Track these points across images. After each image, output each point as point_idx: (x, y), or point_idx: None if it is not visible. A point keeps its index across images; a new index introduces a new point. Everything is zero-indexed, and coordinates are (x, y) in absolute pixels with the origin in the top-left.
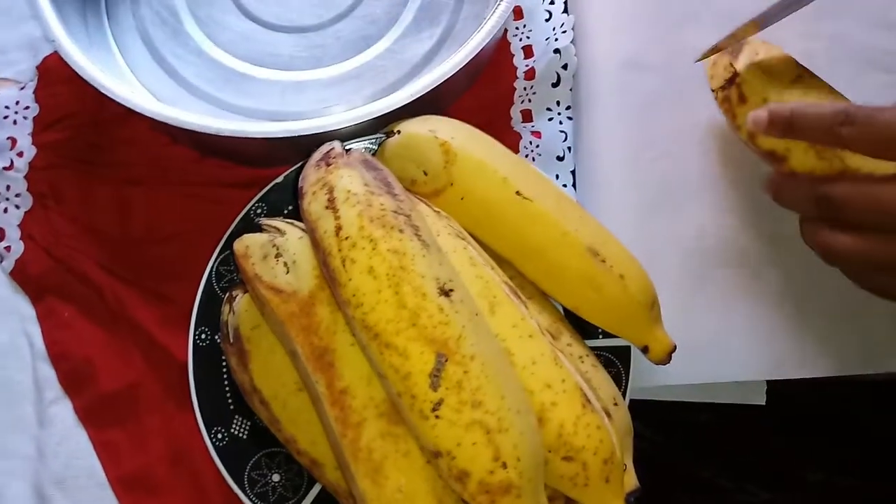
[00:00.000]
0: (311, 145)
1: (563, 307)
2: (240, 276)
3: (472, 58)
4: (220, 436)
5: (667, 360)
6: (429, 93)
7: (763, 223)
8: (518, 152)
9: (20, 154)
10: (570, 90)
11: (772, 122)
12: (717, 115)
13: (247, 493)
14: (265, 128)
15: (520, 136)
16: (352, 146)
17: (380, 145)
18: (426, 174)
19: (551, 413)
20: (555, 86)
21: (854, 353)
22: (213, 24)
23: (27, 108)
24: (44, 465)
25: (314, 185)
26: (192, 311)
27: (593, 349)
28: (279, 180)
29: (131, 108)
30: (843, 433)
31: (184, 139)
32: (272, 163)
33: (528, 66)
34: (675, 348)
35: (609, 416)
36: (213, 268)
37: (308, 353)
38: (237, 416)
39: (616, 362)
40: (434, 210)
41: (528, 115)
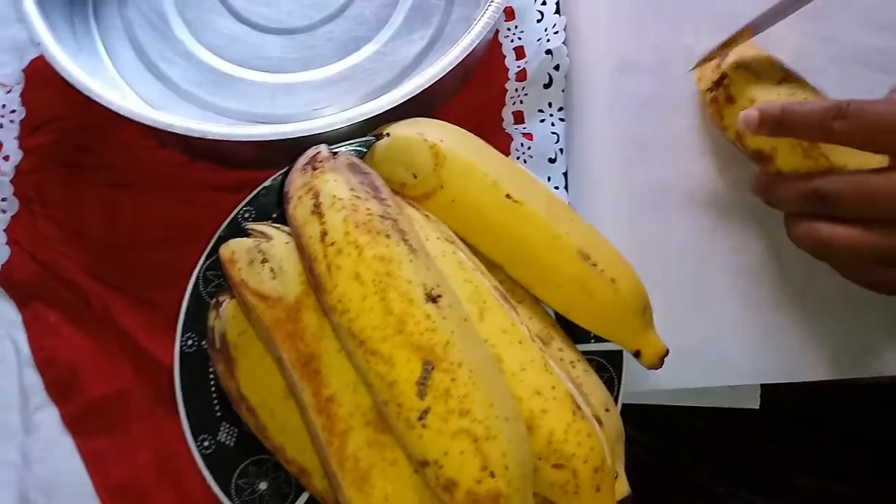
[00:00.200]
0: (300, 148)
1: (555, 311)
2: (227, 282)
3: (462, 59)
4: (206, 443)
5: (659, 364)
6: (419, 95)
7: (757, 226)
8: (509, 154)
9: (6, 158)
10: (563, 92)
11: (762, 121)
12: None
13: (234, 502)
14: (252, 131)
15: (511, 138)
16: (340, 149)
17: (369, 148)
18: (416, 177)
19: (541, 420)
20: (547, 87)
21: (848, 356)
22: (202, 26)
23: (13, 111)
24: (30, 473)
25: (300, 189)
26: (178, 317)
27: (585, 353)
28: (267, 184)
29: (117, 111)
30: (838, 437)
31: (172, 143)
32: (261, 166)
33: (519, 67)
34: (668, 353)
35: (600, 422)
36: (200, 273)
37: (294, 360)
38: (224, 423)
39: (608, 367)
40: (423, 214)
41: (519, 117)
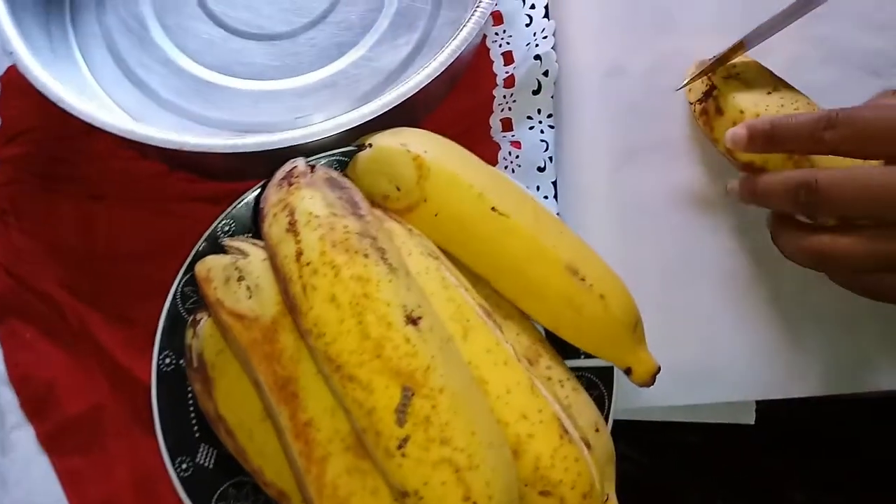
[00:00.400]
0: (282, 159)
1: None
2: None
3: (448, 65)
4: (184, 465)
5: (651, 382)
6: (404, 102)
7: (750, 239)
8: (497, 163)
9: None
10: (552, 98)
11: (752, 139)
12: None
13: None
14: (231, 142)
15: (499, 147)
16: (317, 162)
17: (351, 159)
18: (399, 189)
19: (527, 445)
20: (536, 93)
21: (844, 371)
22: (182, 32)
23: None
24: (6, 494)
25: (275, 206)
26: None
27: (575, 370)
28: (248, 197)
29: (91, 123)
30: (830, 449)
31: (152, 153)
32: (243, 177)
33: (507, 72)
34: (660, 370)
35: (589, 445)
36: (177, 289)
37: (271, 383)
38: (203, 445)
39: (599, 384)
40: (406, 228)
41: (507, 124)
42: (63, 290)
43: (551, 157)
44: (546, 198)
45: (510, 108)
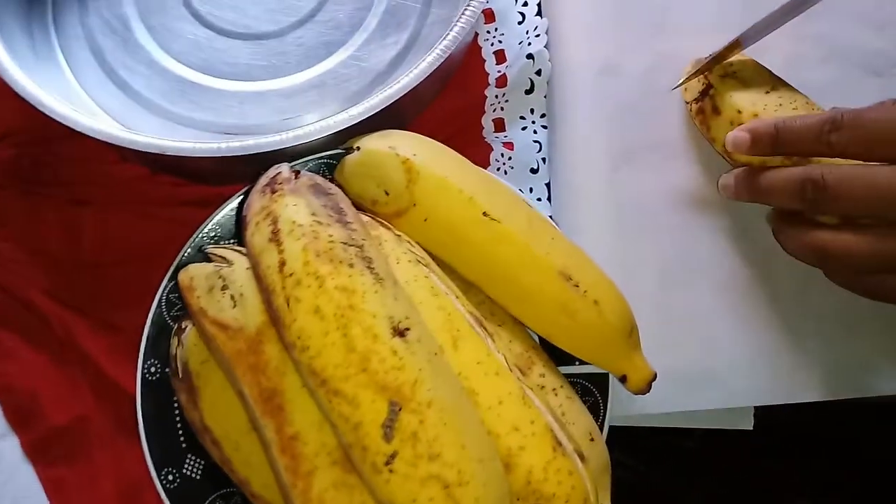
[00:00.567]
0: (268, 162)
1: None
2: None
3: (439, 64)
4: (171, 477)
5: (647, 389)
6: (393, 103)
7: (748, 240)
8: (489, 165)
9: None
10: (545, 97)
11: (755, 142)
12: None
13: None
14: (214, 146)
15: (491, 148)
16: (303, 167)
17: (339, 162)
18: (387, 194)
19: (519, 458)
20: (528, 93)
21: (846, 375)
22: (166, 33)
23: None
24: None
25: (258, 214)
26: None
27: (569, 377)
28: (234, 202)
29: (72, 126)
30: (830, 452)
31: (133, 157)
32: (229, 180)
33: (500, 72)
34: (656, 377)
35: (583, 456)
36: (162, 296)
37: (256, 395)
38: (190, 455)
39: (593, 391)
40: (395, 233)
41: (500, 125)
42: (47, 297)
43: (545, 159)
44: (539, 200)
45: (502, 108)
